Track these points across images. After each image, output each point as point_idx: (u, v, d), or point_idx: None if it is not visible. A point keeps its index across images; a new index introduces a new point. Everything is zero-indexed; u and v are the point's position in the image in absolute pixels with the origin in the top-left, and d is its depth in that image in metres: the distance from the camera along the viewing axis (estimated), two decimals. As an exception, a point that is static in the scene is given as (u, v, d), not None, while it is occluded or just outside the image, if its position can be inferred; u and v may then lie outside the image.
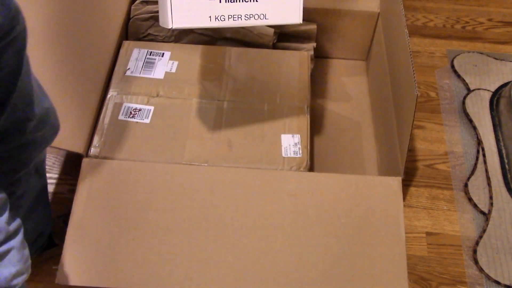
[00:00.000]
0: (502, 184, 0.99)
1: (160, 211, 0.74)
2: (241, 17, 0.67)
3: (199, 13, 0.66)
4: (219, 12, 0.67)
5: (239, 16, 0.67)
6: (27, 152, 0.62)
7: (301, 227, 0.74)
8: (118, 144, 0.82)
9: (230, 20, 0.67)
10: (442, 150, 1.06)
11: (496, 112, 1.10)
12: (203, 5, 0.66)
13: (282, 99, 0.89)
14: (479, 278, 0.89)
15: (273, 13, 0.68)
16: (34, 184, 0.71)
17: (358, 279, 0.71)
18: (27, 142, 0.59)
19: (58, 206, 0.94)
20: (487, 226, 0.94)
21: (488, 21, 1.32)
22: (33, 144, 0.61)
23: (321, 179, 0.78)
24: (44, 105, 0.59)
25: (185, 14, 0.65)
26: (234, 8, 0.67)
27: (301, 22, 0.70)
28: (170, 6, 0.65)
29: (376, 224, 0.74)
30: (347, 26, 1.06)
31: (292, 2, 0.69)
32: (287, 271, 0.71)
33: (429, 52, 1.24)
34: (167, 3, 0.65)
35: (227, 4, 0.66)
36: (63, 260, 0.71)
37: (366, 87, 1.12)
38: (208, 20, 0.67)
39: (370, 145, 1.02)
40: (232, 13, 0.67)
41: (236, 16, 0.67)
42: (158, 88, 0.89)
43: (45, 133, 0.62)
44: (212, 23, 0.67)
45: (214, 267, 0.71)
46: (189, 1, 0.65)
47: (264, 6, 0.68)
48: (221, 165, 0.80)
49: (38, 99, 0.57)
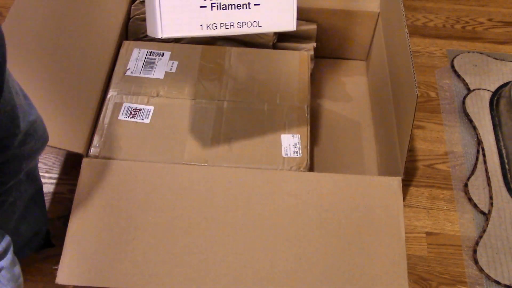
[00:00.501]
0: (502, 184, 0.99)
1: (160, 211, 0.74)
2: (233, 25, 0.65)
3: (190, 21, 0.63)
4: (210, 20, 0.63)
5: (232, 24, 0.64)
6: (14, 165, 0.60)
7: (301, 227, 0.74)
8: (118, 144, 0.82)
9: (223, 29, 0.64)
10: (442, 150, 1.06)
11: (496, 112, 1.10)
12: (194, 13, 0.63)
13: (282, 99, 0.89)
14: (479, 278, 0.89)
15: (267, 21, 0.66)
16: (26, 189, 0.70)
17: (358, 279, 0.71)
18: (14, 156, 0.58)
19: (58, 206, 0.94)
20: (487, 226, 0.94)
21: (488, 21, 1.32)
22: (19, 158, 0.60)
23: (321, 179, 0.78)
24: (30, 119, 0.58)
25: (175, 22, 0.62)
26: (226, 16, 0.64)
27: (295, 29, 0.68)
28: (159, 14, 0.61)
29: (376, 224, 0.74)
30: (347, 26, 1.06)
31: (285, 9, 0.66)
32: (287, 271, 0.71)
33: (429, 52, 1.24)
34: (156, 11, 0.61)
35: (219, 11, 0.63)
36: (63, 260, 0.71)
37: (366, 87, 1.12)
38: (200, 28, 0.63)
39: (370, 145, 1.02)
40: (224, 21, 0.64)
41: (229, 24, 0.64)
42: (158, 88, 0.89)
43: (32, 146, 0.60)
44: (203, 32, 0.64)
45: (214, 267, 0.71)
46: (179, 9, 0.62)
47: (257, 14, 0.65)
48: (221, 165, 0.80)
49: (24, 113, 0.56)
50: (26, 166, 0.64)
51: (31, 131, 0.59)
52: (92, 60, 0.88)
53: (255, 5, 0.64)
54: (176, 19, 0.62)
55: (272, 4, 0.65)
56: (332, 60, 1.16)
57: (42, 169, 0.98)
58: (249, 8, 0.64)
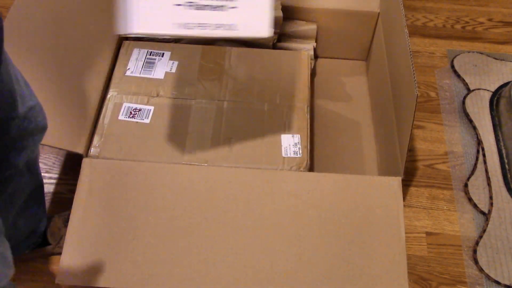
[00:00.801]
0: (502, 184, 0.99)
1: (160, 211, 0.74)
2: (208, 26, 0.62)
3: (163, 19, 0.60)
4: (185, 20, 0.61)
5: (206, 25, 0.62)
6: (12, 151, 0.61)
7: (301, 227, 0.74)
8: (118, 144, 0.82)
9: (197, 29, 0.62)
10: (442, 150, 1.06)
11: (496, 112, 1.10)
12: (168, 11, 0.60)
13: (282, 99, 0.89)
14: (479, 278, 0.89)
15: (242, 25, 0.63)
16: (27, 182, 0.70)
17: (358, 279, 0.71)
18: (11, 141, 0.58)
19: (58, 206, 0.94)
20: (487, 226, 0.94)
21: (488, 21, 1.32)
22: (17, 144, 0.60)
23: (321, 179, 0.78)
24: (29, 104, 0.58)
25: (147, 19, 0.60)
26: (201, 17, 0.61)
27: (269, 36, 0.66)
28: (131, 9, 0.59)
29: (376, 224, 0.74)
30: (347, 26, 1.06)
31: (260, 16, 0.64)
32: (287, 271, 0.71)
33: (429, 52, 1.24)
34: (128, 6, 0.59)
35: (194, 11, 0.61)
36: (63, 260, 0.71)
37: (366, 87, 1.12)
38: (173, 27, 0.61)
39: (370, 145, 1.02)
40: (199, 22, 0.62)
41: (203, 26, 0.62)
42: (158, 88, 0.89)
43: (31, 132, 0.61)
44: (177, 31, 0.61)
45: (214, 267, 0.71)
46: (152, 6, 0.60)
47: (232, 17, 0.63)
48: (221, 165, 0.80)
49: (23, 99, 0.56)
50: (25, 154, 0.64)
51: (30, 116, 0.59)
52: (92, 60, 0.89)
53: (231, 8, 0.63)
54: (148, 15, 0.60)
55: (248, 9, 0.64)
56: (332, 60, 1.16)
57: (42, 169, 0.98)
58: (225, 10, 0.63)
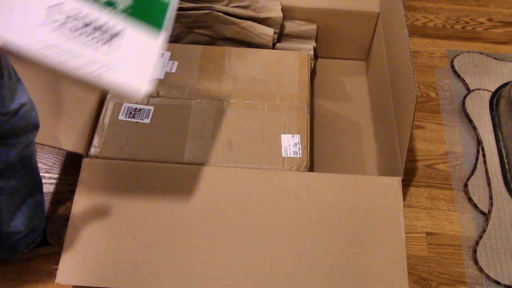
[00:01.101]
0: (502, 184, 0.99)
1: (160, 211, 0.74)
2: (74, 57, 0.48)
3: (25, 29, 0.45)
4: (50, 42, 0.46)
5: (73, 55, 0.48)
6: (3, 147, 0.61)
7: (301, 227, 0.74)
8: (118, 144, 0.82)
9: (60, 56, 0.47)
10: (442, 150, 1.06)
11: (496, 112, 1.10)
12: (31, 24, 0.45)
13: (282, 99, 0.89)
14: (479, 278, 0.89)
15: (119, 72, 0.50)
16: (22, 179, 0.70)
17: (358, 279, 0.71)
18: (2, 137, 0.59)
19: (58, 206, 0.94)
20: (487, 226, 0.94)
21: (488, 21, 1.32)
22: (8, 140, 0.61)
23: (321, 179, 0.78)
24: (21, 101, 0.59)
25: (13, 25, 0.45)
26: (71, 45, 0.47)
27: (142, 98, 0.54)
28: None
29: (376, 224, 0.74)
30: (347, 26, 1.06)
31: (140, 71, 0.52)
32: (287, 271, 0.71)
33: (429, 52, 1.24)
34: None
35: (67, 35, 0.47)
36: (63, 260, 0.71)
37: (366, 87, 1.12)
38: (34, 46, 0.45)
39: (370, 145, 1.02)
40: (66, 50, 0.47)
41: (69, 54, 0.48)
42: (158, 88, 0.89)
43: (23, 129, 0.61)
44: (34, 53, 0.45)
45: (214, 267, 0.71)
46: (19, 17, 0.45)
47: (112, 57, 0.49)
48: (221, 165, 0.80)
49: (13, 95, 0.56)
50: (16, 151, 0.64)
51: (21, 113, 0.59)
52: (92, 60, 0.88)
53: (115, 40, 0.50)
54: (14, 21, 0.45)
55: (130, 59, 0.52)
56: (332, 60, 1.16)
57: (42, 169, 0.98)
58: (106, 44, 0.49)
